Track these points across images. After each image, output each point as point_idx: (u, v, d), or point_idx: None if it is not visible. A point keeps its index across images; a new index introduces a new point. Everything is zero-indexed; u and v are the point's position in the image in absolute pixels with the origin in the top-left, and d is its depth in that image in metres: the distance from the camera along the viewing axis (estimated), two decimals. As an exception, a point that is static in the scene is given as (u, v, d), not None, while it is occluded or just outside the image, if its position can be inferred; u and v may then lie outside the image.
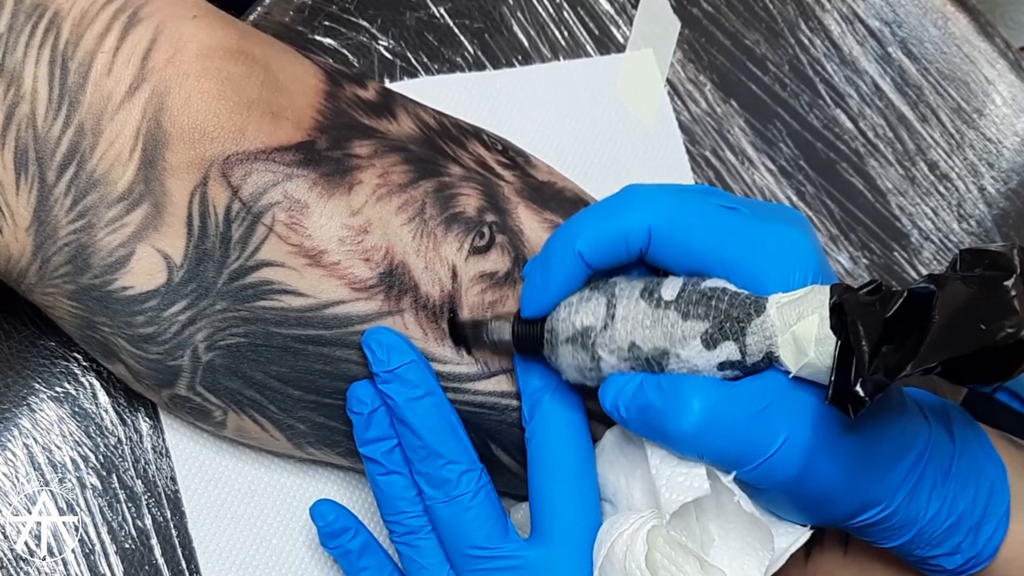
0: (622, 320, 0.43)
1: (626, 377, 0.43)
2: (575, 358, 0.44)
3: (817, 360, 0.40)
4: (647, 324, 0.43)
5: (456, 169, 0.48)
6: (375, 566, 0.49)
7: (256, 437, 0.49)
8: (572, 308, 0.44)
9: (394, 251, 0.46)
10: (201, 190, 0.44)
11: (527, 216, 0.49)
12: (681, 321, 0.42)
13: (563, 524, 0.46)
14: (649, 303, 0.43)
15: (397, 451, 0.47)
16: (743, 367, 0.42)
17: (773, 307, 0.41)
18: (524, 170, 0.51)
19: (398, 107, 0.50)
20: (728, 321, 0.42)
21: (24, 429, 0.50)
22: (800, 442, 0.42)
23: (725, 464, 0.42)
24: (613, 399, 0.44)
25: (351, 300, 0.46)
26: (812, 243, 0.44)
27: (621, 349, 0.43)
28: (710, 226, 0.44)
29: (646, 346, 0.43)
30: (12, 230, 0.44)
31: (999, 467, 0.47)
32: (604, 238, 0.44)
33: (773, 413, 0.42)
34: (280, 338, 0.46)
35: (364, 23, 0.59)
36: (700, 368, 0.42)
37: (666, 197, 0.44)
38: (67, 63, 0.44)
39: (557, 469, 0.47)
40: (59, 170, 0.44)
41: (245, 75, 0.45)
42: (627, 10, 0.66)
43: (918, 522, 0.45)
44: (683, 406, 0.42)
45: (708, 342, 0.42)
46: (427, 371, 0.46)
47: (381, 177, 0.46)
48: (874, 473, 0.44)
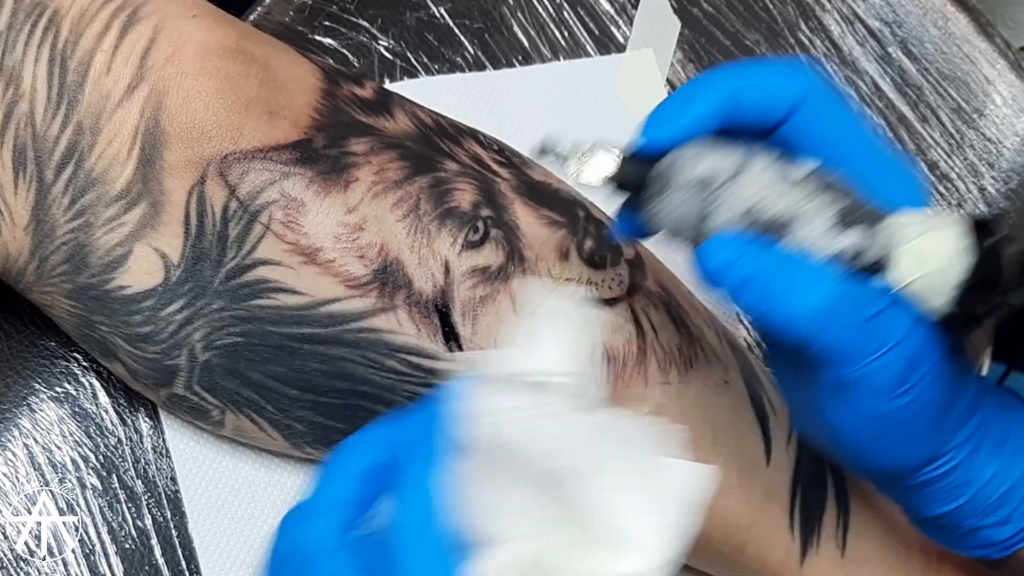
0: (752, 179, 0.40)
1: (744, 239, 0.40)
2: (684, 205, 0.40)
3: (938, 274, 0.38)
4: (776, 191, 0.40)
5: (452, 165, 0.49)
6: None
7: (254, 436, 0.49)
8: (700, 151, 0.40)
9: (388, 247, 0.46)
10: (199, 189, 0.44)
11: (524, 212, 0.49)
12: (811, 199, 0.40)
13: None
14: (781, 172, 0.40)
15: None
16: (859, 261, 0.39)
17: (903, 217, 0.39)
18: (520, 169, 0.51)
19: (395, 105, 0.50)
20: (857, 210, 0.39)
21: (24, 429, 0.50)
22: (908, 353, 0.40)
23: (832, 358, 0.40)
24: (725, 258, 0.40)
25: (346, 297, 0.46)
26: None
27: (738, 211, 0.40)
28: (852, 121, 0.42)
29: (767, 213, 0.40)
30: (10, 229, 0.44)
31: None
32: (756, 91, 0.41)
33: (894, 316, 0.40)
34: (276, 337, 0.46)
35: (364, 23, 0.59)
36: (818, 250, 0.39)
37: (817, 76, 0.42)
38: (66, 62, 0.44)
39: None
40: (57, 169, 0.44)
41: (243, 74, 0.45)
42: (627, 10, 0.66)
43: (975, 483, 0.44)
44: (810, 282, 0.39)
45: (835, 225, 0.39)
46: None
47: (377, 174, 0.47)
48: (954, 419, 0.43)
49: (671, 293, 0.51)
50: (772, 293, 0.39)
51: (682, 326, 0.50)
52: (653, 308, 0.49)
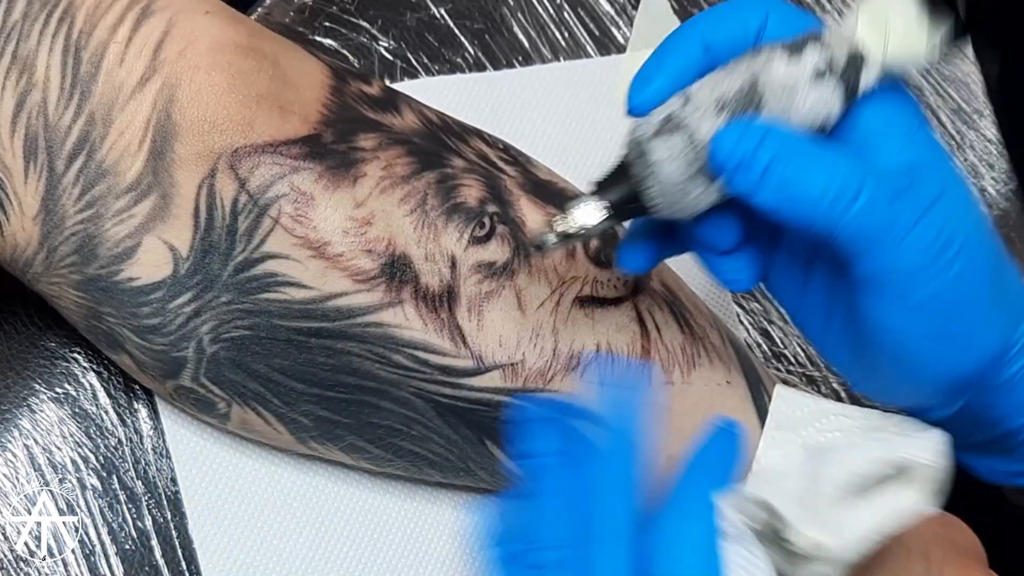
0: (699, 87, 0.39)
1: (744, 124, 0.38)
2: (670, 149, 0.39)
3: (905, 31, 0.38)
4: (724, 74, 0.39)
5: (459, 161, 0.49)
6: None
7: (259, 431, 0.49)
8: (646, 117, 0.40)
9: (396, 242, 0.46)
10: (209, 182, 0.44)
11: (530, 209, 0.49)
12: (757, 56, 0.39)
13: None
14: (719, 70, 0.40)
15: None
16: (836, 71, 0.38)
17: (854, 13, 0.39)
18: (525, 168, 0.51)
19: (402, 103, 0.50)
20: (800, 38, 0.39)
21: (24, 430, 0.50)
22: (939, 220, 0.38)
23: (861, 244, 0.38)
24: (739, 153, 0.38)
25: (353, 292, 0.46)
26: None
27: (709, 109, 0.39)
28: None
29: (732, 89, 0.39)
30: (19, 218, 0.44)
31: None
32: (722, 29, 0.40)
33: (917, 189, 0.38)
34: (284, 331, 0.46)
35: (364, 24, 0.59)
36: (795, 86, 0.38)
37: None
38: (80, 52, 0.44)
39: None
40: (68, 159, 0.44)
41: (255, 70, 0.45)
42: (627, 11, 0.66)
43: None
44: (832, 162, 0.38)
45: (791, 51, 0.39)
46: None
47: (385, 169, 0.47)
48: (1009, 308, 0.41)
49: (675, 293, 0.51)
50: (795, 176, 0.38)
51: (685, 326, 0.50)
52: (657, 308, 0.50)
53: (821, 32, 0.39)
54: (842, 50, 0.39)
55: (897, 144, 0.39)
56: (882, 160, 0.39)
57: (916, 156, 0.39)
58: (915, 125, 0.40)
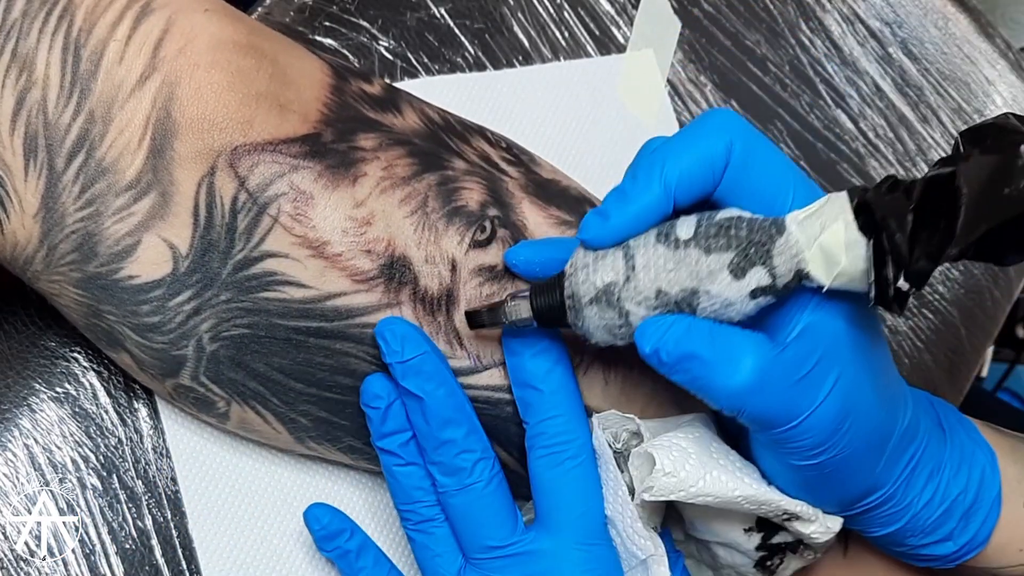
0: (643, 269, 0.42)
1: (670, 320, 0.42)
2: (602, 318, 0.43)
3: (851, 266, 0.39)
4: (670, 267, 0.41)
5: (460, 163, 0.49)
6: (372, 564, 0.50)
7: (258, 430, 0.49)
8: (589, 269, 0.43)
9: (395, 243, 0.46)
10: (208, 180, 0.44)
11: (532, 211, 0.49)
12: (704, 256, 0.41)
13: (566, 511, 0.47)
14: (667, 246, 0.41)
15: (412, 442, 0.47)
16: (775, 291, 0.41)
17: (793, 224, 0.40)
18: (528, 167, 0.51)
19: (403, 102, 0.50)
20: (752, 247, 0.40)
21: (24, 429, 0.50)
22: (833, 412, 0.42)
23: (761, 423, 0.42)
24: (654, 343, 0.42)
25: (352, 292, 0.46)
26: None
27: (648, 299, 0.42)
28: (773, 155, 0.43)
29: (673, 289, 0.41)
30: (19, 216, 0.44)
31: (988, 453, 0.47)
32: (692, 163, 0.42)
33: (816, 377, 0.41)
34: (283, 330, 0.46)
35: (364, 23, 0.59)
36: (733, 301, 0.41)
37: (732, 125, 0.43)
38: (79, 50, 0.44)
39: (556, 456, 0.47)
40: (68, 157, 0.44)
41: (254, 68, 0.45)
42: (627, 10, 0.66)
43: (912, 508, 0.46)
44: (734, 362, 0.41)
45: (736, 271, 0.40)
46: (441, 361, 0.46)
47: (385, 170, 0.47)
48: (887, 456, 0.44)
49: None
50: (705, 373, 0.41)
51: None
52: None
53: (763, 249, 0.40)
54: (786, 275, 0.40)
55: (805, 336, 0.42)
56: (788, 352, 0.41)
57: (822, 346, 0.42)
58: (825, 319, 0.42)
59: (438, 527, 0.48)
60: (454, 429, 0.46)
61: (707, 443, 0.46)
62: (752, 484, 0.45)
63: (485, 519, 0.47)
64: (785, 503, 0.45)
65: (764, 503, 0.45)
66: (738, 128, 0.42)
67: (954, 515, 0.46)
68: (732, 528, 0.48)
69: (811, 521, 0.46)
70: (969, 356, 0.72)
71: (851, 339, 0.42)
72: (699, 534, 0.49)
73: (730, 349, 0.41)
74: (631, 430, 0.47)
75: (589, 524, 0.47)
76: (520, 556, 0.47)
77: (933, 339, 0.70)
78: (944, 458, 0.46)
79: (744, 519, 0.48)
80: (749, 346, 0.41)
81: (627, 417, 0.47)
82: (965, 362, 0.71)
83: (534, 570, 0.46)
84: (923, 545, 0.47)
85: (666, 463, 0.44)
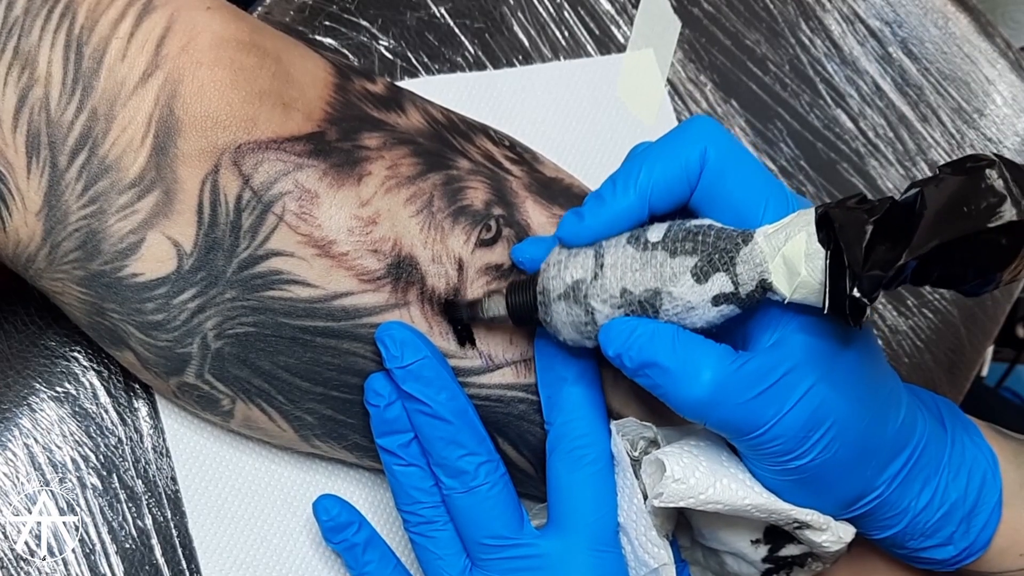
0: (611, 267, 0.42)
1: (634, 323, 0.42)
2: (569, 314, 0.43)
3: (810, 277, 0.39)
4: (636, 267, 0.42)
5: (464, 163, 0.49)
6: (379, 559, 0.50)
7: (263, 428, 0.49)
8: (561, 265, 0.43)
9: (402, 243, 0.46)
10: (212, 178, 0.44)
11: (535, 210, 0.49)
12: (669, 259, 0.42)
13: (580, 515, 0.47)
14: (636, 247, 0.42)
15: (415, 444, 0.47)
16: (738, 300, 0.41)
17: (760, 236, 0.41)
18: (531, 166, 0.51)
19: (407, 101, 0.50)
20: (716, 253, 0.41)
21: (24, 429, 0.50)
22: (800, 421, 0.42)
23: (727, 433, 0.43)
24: (618, 347, 0.43)
25: (359, 292, 0.46)
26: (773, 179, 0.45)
27: (613, 297, 0.42)
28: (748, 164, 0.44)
29: (637, 289, 0.42)
30: (22, 214, 0.44)
31: (990, 457, 0.47)
32: (667, 170, 0.43)
33: (781, 389, 0.42)
34: (289, 328, 0.46)
35: (365, 23, 0.59)
36: (695, 305, 0.42)
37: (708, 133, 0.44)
38: (82, 48, 0.44)
39: (576, 459, 0.47)
40: (71, 155, 0.44)
41: (257, 66, 0.45)
42: (627, 10, 0.66)
43: (910, 512, 0.45)
44: (694, 374, 0.42)
45: (699, 276, 0.41)
46: (441, 366, 0.46)
47: (390, 169, 0.47)
48: (877, 459, 0.44)
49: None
50: (665, 382, 0.42)
51: None
52: None
53: (727, 256, 0.41)
54: (749, 283, 0.41)
55: (777, 348, 0.42)
56: (752, 364, 0.42)
57: (793, 358, 0.42)
58: (799, 331, 0.42)
59: (440, 530, 0.48)
60: (457, 432, 0.46)
61: (717, 451, 0.46)
62: (762, 493, 0.45)
63: (490, 520, 0.47)
64: (795, 512, 0.45)
65: (774, 511, 0.45)
66: (714, 136, 0.43)
67: (953, 519, 0.46)
68: (739, 538, 0.48)
69: (822, 530, 0.45)
70: (969, 356, 0.72)
71: (827, 350, 0.42)
72: (706, 542, 0.49)
73: (690, 359, 0.42)
74: (648, 438, 0.48)
75: (602, 530, 0.47)
76: (529, 558, 0.47)
77: (933, 339, 0.70)
78: (943, 461, 0.46)
79: (752, 530, 0.48)
80: (710, 358, 0.42)
81: (645, 425, 0.48)
82: (965, 362, 0.71)
83: (543, 573, 0.47)
84: (923, 548, 0.47)
85: (676, 470, 0.44)
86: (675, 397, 0.42)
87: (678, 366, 0.42)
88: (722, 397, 0.41)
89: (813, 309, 0.41)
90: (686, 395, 0.42)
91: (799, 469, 0.43)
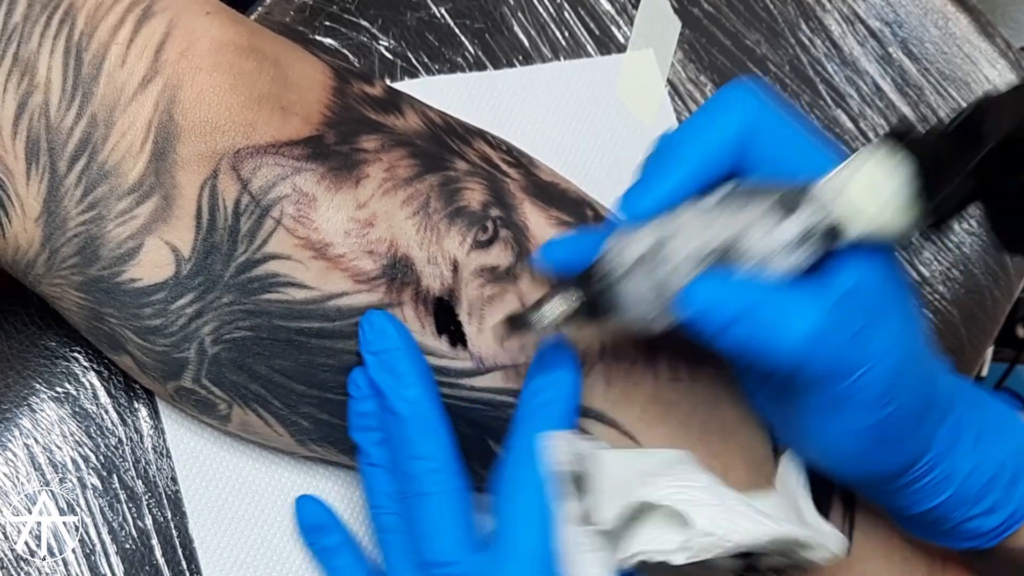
0: (682, 231, 0.41)
1: (713, 281, 0.41)
2: (639, 289, 0.41)
3: (881, 210, 0.39)
4: (704, 226, 0.41)
5: (462, 164, 0.49)
6: (350, 566, 0.49)
7: (260, 432, 0.49)
8: (621, 245, 0.42)
9: (398, 244, 0.46)
10: (211, 183, 0.44)
11: (533, 212, 0.49)
12: (738, 213, 0.40)
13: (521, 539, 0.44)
14: (702, 210, 0.41)
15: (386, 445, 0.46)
16: (813, 242, 0.40)
17: (823, 180, 0.40)
18: (528, 169, 0.51)
19: (405, 104, 0.50)
20: (782, 200, 0.40)
21: (25, 429, 0.50)
22: (892, 363, 0.41)
23: (824, 378, 0.41)
24: (699, 306, 0.40)
25: (354, 292, 0.46)
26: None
27: (687, 259, 0.41)
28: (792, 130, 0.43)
29: (710, 246, 0.40)
30: (21, 220, 0.44)
31: (1021, 423, 0.47)
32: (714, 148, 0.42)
33: (878, 327, 0.41)
34: (285, 331, 0.46)
35: (365, 23, 0.59)
36: (771, 253, 0.40)
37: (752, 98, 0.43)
38: (81, 54, 0.44)
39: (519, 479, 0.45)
40: (70, 161, 0.44)
41: (256, 71, 0.45)
42: (628, 10, 0.66)
43: (957, 476, 0.45)
44: (793, 316, 0.40)
45: (769, 224, 0.40)
46: (417, 362, 0.46)
47: (387, 171, 0.47)
48: (933, 418, 0.44)
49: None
50: (754, 334, 0.40)
51: None
52: None
53: (804, 193, 0.40)
54: (822, 223, 0.40)
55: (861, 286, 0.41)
56: (847, 301, 0.41)
57: (876, 295, 0.41)
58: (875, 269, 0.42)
59: (392, 540, 0.46)
60: (411, 431, 0.45)
61: (717, 489, 0.44)
62: (768, 522, 0.43)
63: (427, 535, 0.45)
64: (797, 533, 0.43)
65: (779, 538, 0.43)
66: (750, 104, 0.42)
67: (997, 485, 0.46)
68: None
69: (815, 548, 0.44)
70: (969, 356, 0.72)
71: (900, 290, 0.42)
72: None
73: (784, 303, 0.40)
74: (581, 453, 0.45)
75: (541, 553, 0.44)
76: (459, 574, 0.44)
77: (933, 339, 0.70)
78: (985, 424, 0.46)
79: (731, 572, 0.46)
80: (805, 298, 0.40)
81: (581, 438, 0.45)
82: (965, 362, 0.71)
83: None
84: (970, 519, 0.46)
85: (704, 522, 0.42)
86: (772, 345, 0.40)
87: (773, 311, 0.40)
88: (826, 336, 0.40)
89: (882, 247, 0.41)
90: (787, 339, 0.40)
91: (886, 419, 0.42)
